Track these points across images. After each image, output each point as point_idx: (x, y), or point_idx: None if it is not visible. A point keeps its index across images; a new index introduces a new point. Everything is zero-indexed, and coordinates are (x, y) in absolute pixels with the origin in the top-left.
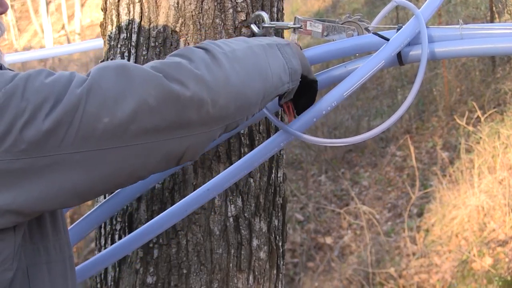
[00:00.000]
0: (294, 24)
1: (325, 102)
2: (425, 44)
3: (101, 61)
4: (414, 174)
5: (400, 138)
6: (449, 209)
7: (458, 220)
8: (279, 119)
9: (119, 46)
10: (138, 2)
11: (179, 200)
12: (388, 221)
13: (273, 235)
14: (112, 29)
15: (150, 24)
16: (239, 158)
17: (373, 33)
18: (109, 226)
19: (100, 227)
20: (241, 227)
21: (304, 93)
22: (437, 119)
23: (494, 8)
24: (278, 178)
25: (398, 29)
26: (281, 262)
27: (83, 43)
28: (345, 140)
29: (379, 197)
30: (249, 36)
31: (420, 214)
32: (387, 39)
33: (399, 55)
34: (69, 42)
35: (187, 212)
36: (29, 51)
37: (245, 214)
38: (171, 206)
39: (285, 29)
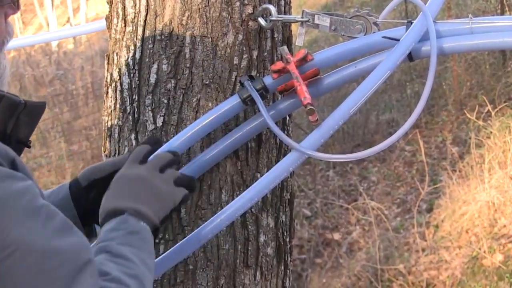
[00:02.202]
0: (302, 17)
1: (332, 121)
2: (434, 43)
3: (106, 55)
4: (423, 169)
5: (409, 133)
6: (459, 204)
7: (468, 216)
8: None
9: (124, 39)
10: None
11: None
12: (397, 216)
13: (281, 231)
14: (117, 22)
15: (156, 17)
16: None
17: (382, 36)
18: None
19: None
20: (248, 222)
21: None
22: (446, 114)
23: (505, 0)
24: None
25: (407, 25)
26: (289, 258)
27: (88, 25)
28: (362, 154)
29: (388, 193)
30: (256, 30)
31: (429, 210)
32: (397, 40)
33: None
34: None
35: (202, 242)
36: (32, 35)
37: (252, 210)
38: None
39: (293, 22)
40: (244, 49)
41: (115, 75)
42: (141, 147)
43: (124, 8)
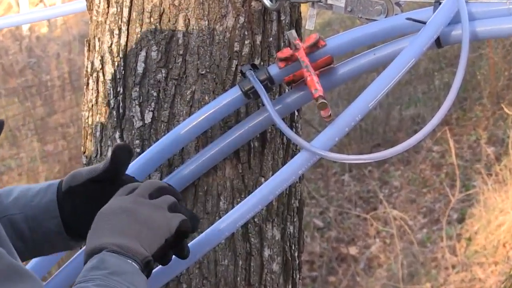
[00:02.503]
0: None
1: (348, 116)
2: (466, 27)
3: (87, 40)
4: (454, 173)
5: (437, 131)
6: (495, 214)
7: (506, 227)
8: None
9: (107, 22)
10: None
11: None
12: (423, 228)
13: (288, 244)
14: (99, 3)
15: None
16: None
17: (406, 18)
18: None
19: None
20: (250, 234)
21: None
22: (481, 108)
23: None
24: None
25: (435, 6)
26: (297, 276)
27: (65, 6)
28: (382, 155)
29: (412, 200)
30: (259, 11)
31: (461, 220)
32: (423, 23)
33: None
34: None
35: (197, 257)
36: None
37: (255, 219)
38: None
39: (302, 3)
40: (246, 33)
41: (97, 63)
42: (129, 185)
43: None
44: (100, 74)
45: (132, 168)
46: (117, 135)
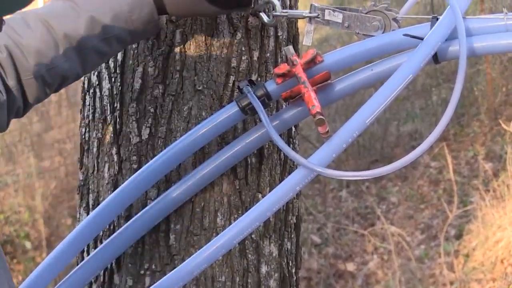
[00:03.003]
0: (310, 12)
1: (345, 133)
2: (464, 42)
3: None
4: (451, 189)
5: (435, 146)
6: (493, 230)
7: (504, 243)
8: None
9: None
10: None
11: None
12: (421, 244)
13: (285, 260)
14: None
15: None
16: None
17: (404, 34)
18: None
19: None
20: (247, 250)
21: None
22: (479, 124)
23: None
24: None
25: (432, 22)
26: None
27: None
28: (380, 171)
29: (410, 216)
30: (257, 27)
31: (458, 236)
32: (421, 39)
33: None
34: None
35: (194, 274)
36: None
37: (252, 236)
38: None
39: (300, 18)
40: (243, 49)
41: (94, 79)
42: None
43: None
44: (97, 90)
45: (130, 184)
46: (114, 151)
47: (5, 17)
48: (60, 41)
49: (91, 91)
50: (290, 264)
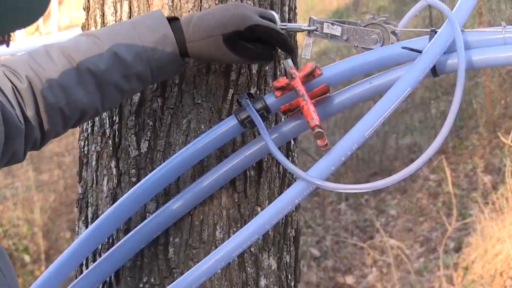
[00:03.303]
0: (309, 26)
1: (344, 146)
2: (462, 55)
3: None
4: (450, 202)
5: (434, 159)
6: (492, 242)
7: (503, 256)
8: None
9: None
10: (126, 0)
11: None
12: (420, 257)
13: (284, 274)
14: None
15: None
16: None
17: (402, 47)
18: None
19: None
20: (246, 263)
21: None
22: (477, 137)
23: None
24: None
25: (431, 35)
26: None
27: (61, 34)
28: (379, 184)
29: (409, 229)
30: None
31: (458, 249)
32: (419, 52)
33: None
34: None
35: (193, 287)
36: None
37: (251, 249)
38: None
39: (299, 31)
40: None
41: None
42: None
43: (103, 15)
44: None
45: (128, 197)
46: (113, 164)
47: (29, 49)
48: (81, 75)
49: None
50: (289, 277)
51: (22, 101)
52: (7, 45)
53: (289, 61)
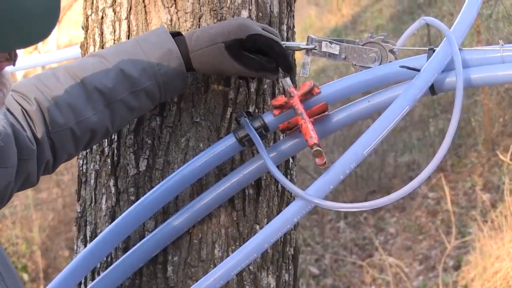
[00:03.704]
0: (307, 44)
1: (343, 164)
2: (460, 74)
3: None
4: (449, 220)
5: (432, 177)
6: (491, 261)
7: (502, 274)
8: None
9: None
10: (125, 19)
11: None
12: (419, 275)
13: None
14: (94, 51)
15: None
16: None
17: (400, 66)
18: None
19: None
20: (245, 282)
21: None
22: (476, 155)
23: None
24: None
25: (429, 53)
26: None
27: (59, 53)
28: (378, 202)
29: (408, 247)
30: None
31: (457, 267)
32: (417, 70)
33: None
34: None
35: None
36: None
37: (250, 267)
38: None
39: (297, 50)
40: (241, 81)
41: None
42: None
43: (101, 34)
44: None
45: (127, 216)
46: (111, 182)
47: (36, 72)
48: (89, 94)
49: None
50: None
51: (32, 123)
52: (14, 64)
53: (288, 79)
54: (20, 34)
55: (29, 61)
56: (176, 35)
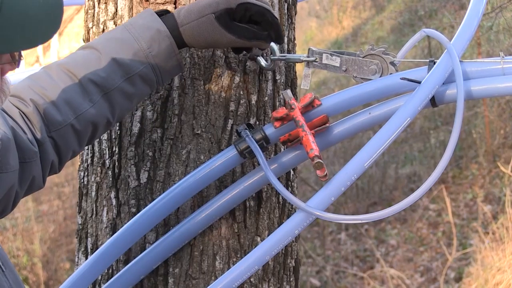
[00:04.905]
0: (308, 56)
1: (344, 176)
2: (461, 86)
3: None
4: (450, 231)
5: (434, 189)
6: (492, 272)
7: (504, 286)
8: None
9: None
10: None
11: None
12: (421, 287)
13: None
14: None
15: None
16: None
17: (401, 78)
18: None
19: None
20: None
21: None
22: (477, 167)
23: None
24: None
25: (429, 65)
26: None
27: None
28: (379, 214)
29: (409, 259)
30: (255, 71)
31: (458, 279)
32: (418, 82)
33: None
34: None
35: None
36: None
37: (251, 279)
38: None
39: (297, 62)
40: (242, 93)
41: None
42: None
43: None
44: None
45: (128, 228)
46: (112, 195)
47: (29, 72)
48: (84, 87)
49: None
50: None
51: (31, 125)
52: (18, 65)
53: (288, 91)
54: (26, 36)
55: (28, 74)
56: (164, 13)
